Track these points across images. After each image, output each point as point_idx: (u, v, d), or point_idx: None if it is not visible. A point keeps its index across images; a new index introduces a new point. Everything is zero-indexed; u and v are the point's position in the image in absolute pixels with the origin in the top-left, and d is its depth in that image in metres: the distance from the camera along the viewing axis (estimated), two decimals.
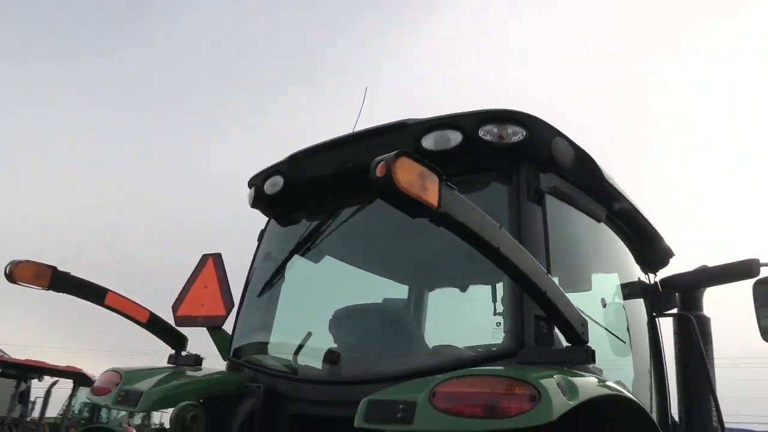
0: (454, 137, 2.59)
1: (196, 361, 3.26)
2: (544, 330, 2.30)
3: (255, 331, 3.27)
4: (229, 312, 3.34)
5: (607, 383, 2.07)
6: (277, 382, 2.85)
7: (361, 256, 3.58)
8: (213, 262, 3.51)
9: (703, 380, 3.14)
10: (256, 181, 3.37)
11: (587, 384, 1.91)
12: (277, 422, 2.77)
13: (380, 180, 1.61)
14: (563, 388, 1.74)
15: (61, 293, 2.84)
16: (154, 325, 3.16)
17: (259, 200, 3.37)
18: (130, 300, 3.06)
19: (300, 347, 3.04)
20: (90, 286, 2.92)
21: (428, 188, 1.66)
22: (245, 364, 3.10)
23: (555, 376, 1.79)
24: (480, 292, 3.63)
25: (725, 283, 3.33)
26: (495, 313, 2.55)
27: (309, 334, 3.52)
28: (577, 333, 2.04)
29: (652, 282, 3.41)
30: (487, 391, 1.75)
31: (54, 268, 2.77)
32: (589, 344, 2.08)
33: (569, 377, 1.84)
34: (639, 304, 3.25)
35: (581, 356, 2.05)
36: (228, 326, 3.40)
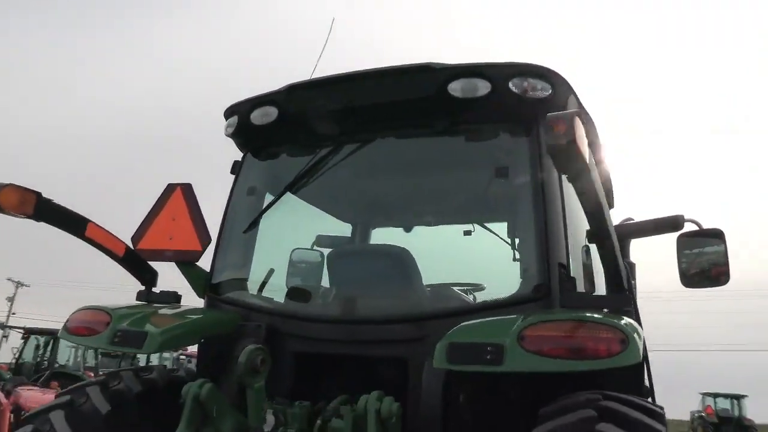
0: (483, 86, 2.65)
1: (176, 298, 3.09)
2: (566, 277, 2.51)
3: (239, 267, 3.15)
4: (205, 247, 3.15)
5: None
6: (275, 320, 2.81)
7: (350, 196, 3.55)
8: (182, 193, 3.26)
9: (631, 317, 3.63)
10: (240, 110, 3.16)
11: (638, 326, 2.17)
12: (280, 361, 2.75)
13: (558, 135, 1.65)
14: (636, 332, 1.97)
15: (40, 222, 2.51)
16: (129, 259, 2.92)
17: (242, 130, 3.18)
18: (108, 232, 2.79)
19: (296, 286, 3.00)
20: (72, 216, 2.61)
21: (583, 148, 1.74)
22: (229, 301, 3.00)
23: (625, 320, 2.01)
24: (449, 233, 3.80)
25: (654, 234, 3.81)
26: (514, 259, 2.72)
27: (302, 272, 3.47)
28: (622, 281, 2.27)
29: None
30: (577, 335, 1.92)
31: (38, 195, 2.43)
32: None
33: (631, 322, 2.07)
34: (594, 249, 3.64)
35: (625, 302, 2.29)
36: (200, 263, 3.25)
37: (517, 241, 2.74)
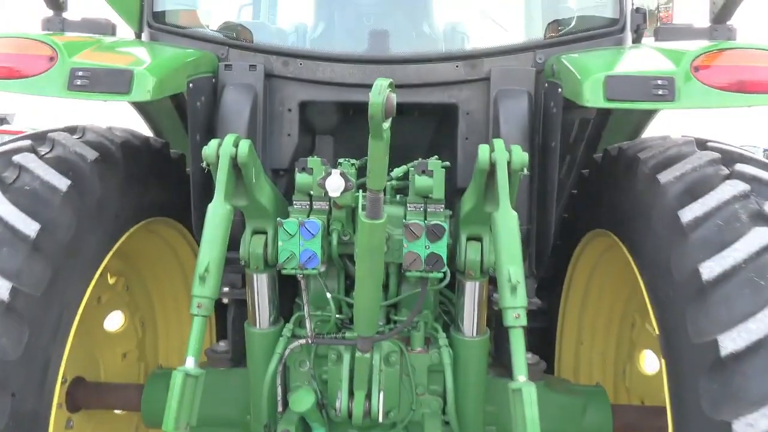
0: None
1: (111, 28, 2.22)
2: (635, 10, 2.31)
3: None
4: None
5: None
6: (270, 59, 2.20)
7: None
8: None
9: None
10: None
11: None
12: (284, 113, 2.20)
13: None
14: None
15: None
16: None
17: None
18: None
19: (282, 15, 2.34)
20: None
21: None
22: (192, 34, 2.28)
23: None
24: None
25: None
26: None
27: None
28: (729, 12, 2.06)
29: None
30: (754, 65, 1.73)
31: None
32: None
33: None
34: None
35: (727, 33, 2.10)
36: None
37: None
